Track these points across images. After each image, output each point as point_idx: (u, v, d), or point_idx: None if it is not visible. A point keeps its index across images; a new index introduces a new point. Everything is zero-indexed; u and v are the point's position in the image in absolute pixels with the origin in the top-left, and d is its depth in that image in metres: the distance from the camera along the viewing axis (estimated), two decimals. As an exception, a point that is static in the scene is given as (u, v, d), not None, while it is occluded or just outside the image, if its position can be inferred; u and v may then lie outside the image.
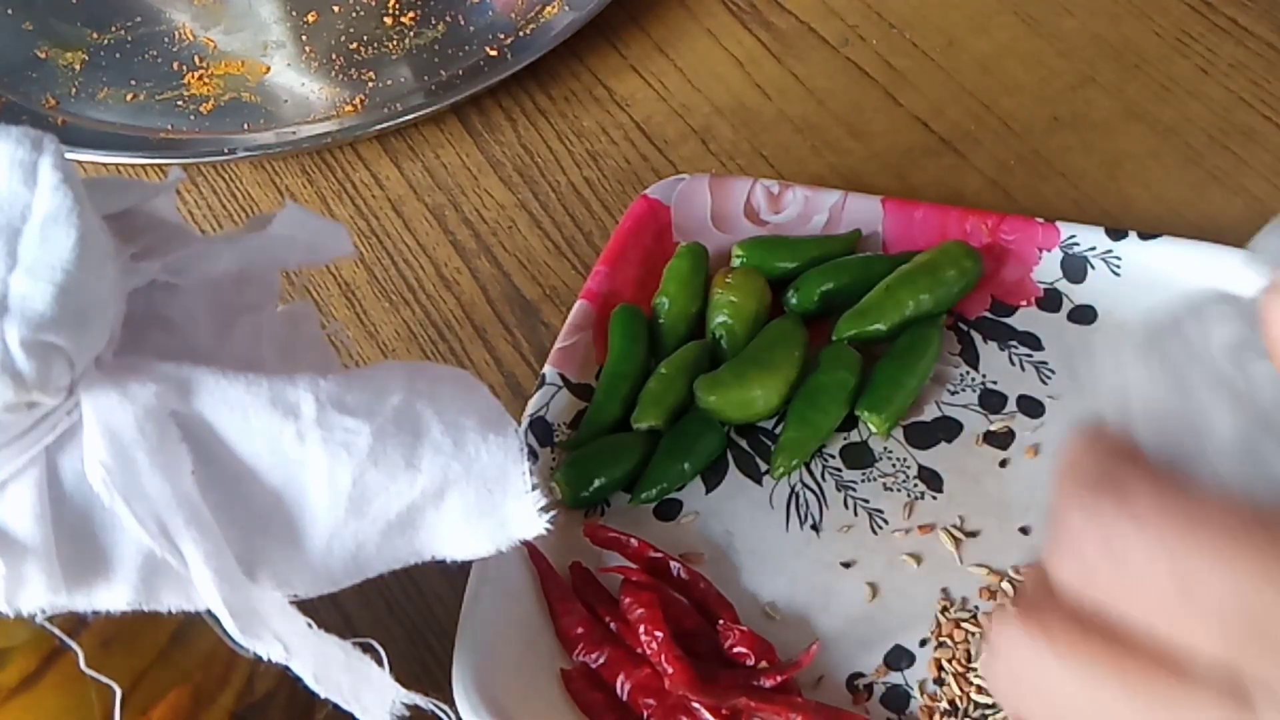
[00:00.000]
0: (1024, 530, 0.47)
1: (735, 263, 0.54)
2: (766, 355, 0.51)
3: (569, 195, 0.61)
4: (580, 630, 0.45)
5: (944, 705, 0.44)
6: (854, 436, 0.50)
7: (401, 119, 0.62)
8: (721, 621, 0.45)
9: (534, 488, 0.33)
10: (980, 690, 0.44)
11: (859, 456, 0.50)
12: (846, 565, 0.47)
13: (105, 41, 0.69)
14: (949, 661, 0.44)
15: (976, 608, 0.45)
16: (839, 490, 0.49)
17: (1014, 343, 0.52)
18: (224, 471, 0.32)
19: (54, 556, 0.31)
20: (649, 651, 0.44)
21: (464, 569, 0.44)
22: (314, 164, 0.63)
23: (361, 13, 0.68)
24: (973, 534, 0.47)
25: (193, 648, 0.37)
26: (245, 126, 0.64)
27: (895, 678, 0.45)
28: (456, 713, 0.41)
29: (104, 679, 0.33)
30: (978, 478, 0.49)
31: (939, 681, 0.44)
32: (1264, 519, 0.24)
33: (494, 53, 0.65)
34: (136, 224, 0.34)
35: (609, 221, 0.59)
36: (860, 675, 0.45)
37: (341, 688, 0.34)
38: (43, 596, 0.31)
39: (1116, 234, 0.52)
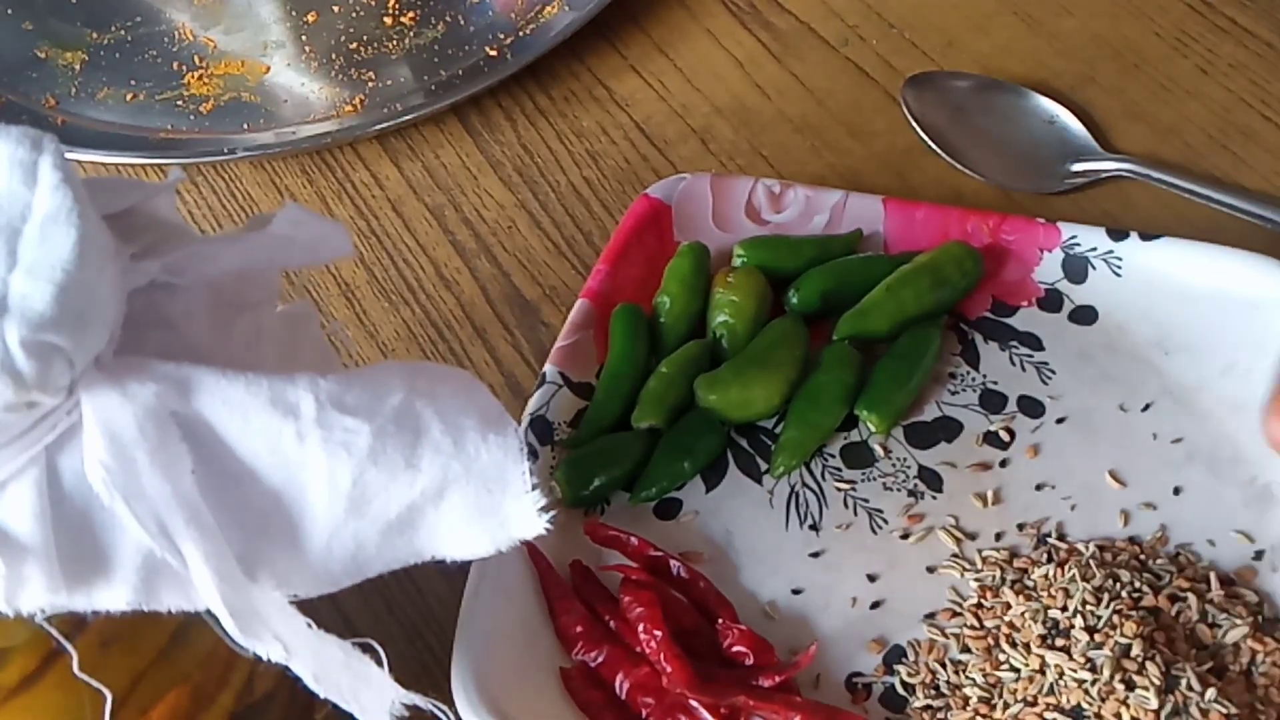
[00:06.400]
0: (1023, 529, 0.47)
1: (736, 262, 0.54)
2: (767, 355, 0.51)
3: (569, 195, 0.61)
4: (579, 629, 0.45)
5: (943, 705, 0.44)
6: (854, 436, 0.50)
7: (401, 119, 0.62)
8: (721, 621, 0.45)
9: (534, 487, 0.33)
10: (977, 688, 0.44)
11: (859, 456, 0.50)
12: (846, 565, 0.47)
13: (105, 41, 0.69)
14: (948, 661, 0.44)
15: (977, 607, 0.45)
16: (839, 490, 0.49)
17: (1015, 343, 0.52)
18: (224, 471, 0.32)
19: (54, 556, 0.31)
20: (648, 650, 0.44)
21: (464, 569, 0.44)
22: (314, 164, 0.63)
23: (361, 13, 0.68)
24: (972, 534, 0.47)
25: (193, 648, 0.37)
26: (245, 126, 0.64)
27: (894, 677, 0.45)
28: (455, 712, 0.41)
29: (96, 684, 0.33)
30: (978, 478, 0.49)
31: (938, 682, 0.44)
32: None
33: (494, 53, 0.65)
34: (136, 224, 0.34)
35: (609, 221, 0.59)
36: (859, 675, 0.45)
37: (341, 688, 0.34)
38: (43, 596, 0.31)
39: (1117, 235, 0.52)
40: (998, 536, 0.47)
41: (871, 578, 0.47)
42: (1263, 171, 0.58)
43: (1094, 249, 0.52)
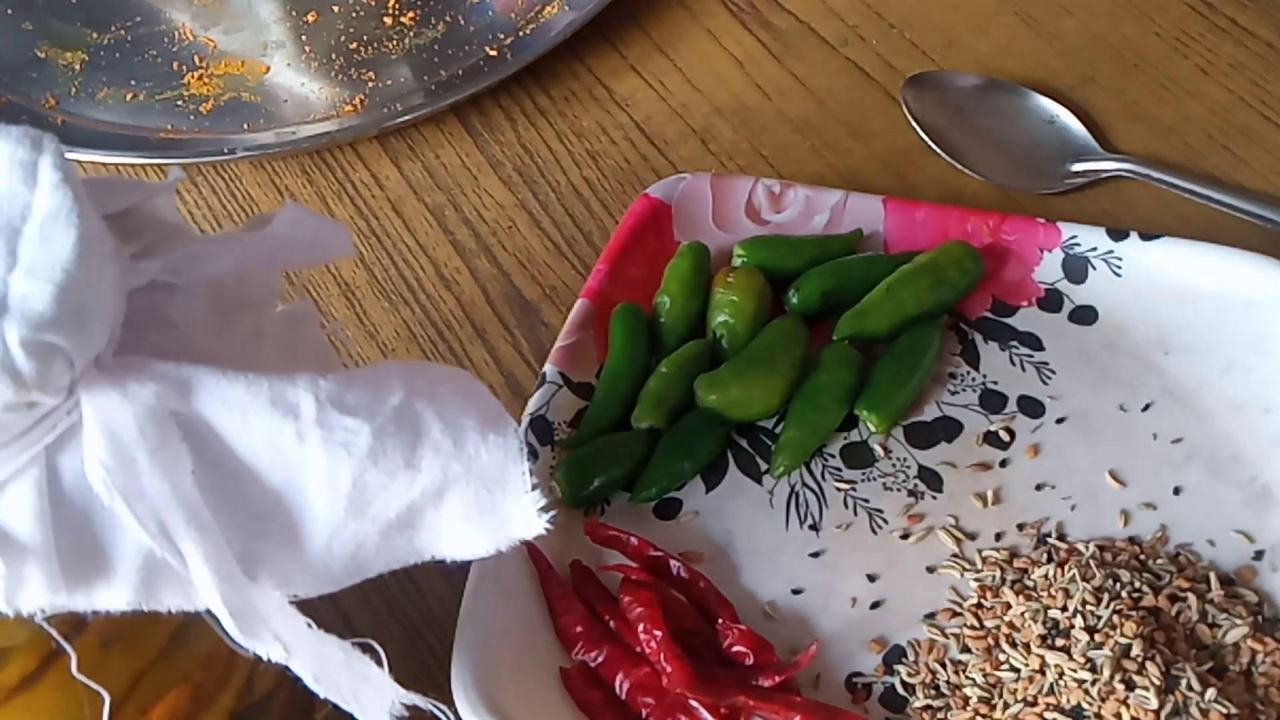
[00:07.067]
0: (1023, 529, 0.47)
1: (736, 262, 0.54)
2: (767, 355, 0.51)
3: (569, 195, 0.61)
4: (579, 629, 0.45)
5: (943, 705, 0.44)
6: (854, 436, 0.50)
7: (401, 119, 0.62)
8: (721, 620, 0.45)
9: (534, 487, 0.33)
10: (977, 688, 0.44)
11: (859, 456, 0.50)
12: (846, 565, 0.47)
13: (105, 41, 0.69)
14: (948, 661, 0.44)
15: (977, 607, 0.45)
16: (839, 490, 0.49)
17: (1015, 343, 0.52)
18: (224, 471, 0.32)
19: (54, 556, 0.31)
20: (648, 650, 0.44)
21: (464, 569, 0.44)
22: (314, 164, 0.63)
23: (361, 13, 0.68)
24: (972, 534, 0.47)
25: (193, 648, 0.37)
26: (245, 126, 0.64)
27: (894, 677, 0.45)
28: (455, 712, 0.41)
29: (95, 685, 0.33)
30: (977, 478, 0.49)
31: (938, 682, 0.44)
32: None
33: (494, 53, 0.65)
34: (136, 224, 0.34)
35: (609, 221, 0.59)
36: (859, 675, 0.45)
37: (341, 688, 0.34)
38: (43, 596, 0.31)
39: (1117, 234, 0.52)
40: (998, 536, 0.47)
41: (871, 578, 0.47)
42: (1263, 171, 0.58)
43: (1094, 249, 0.52)
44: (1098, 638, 0.42)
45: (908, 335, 0.51)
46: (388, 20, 0.68)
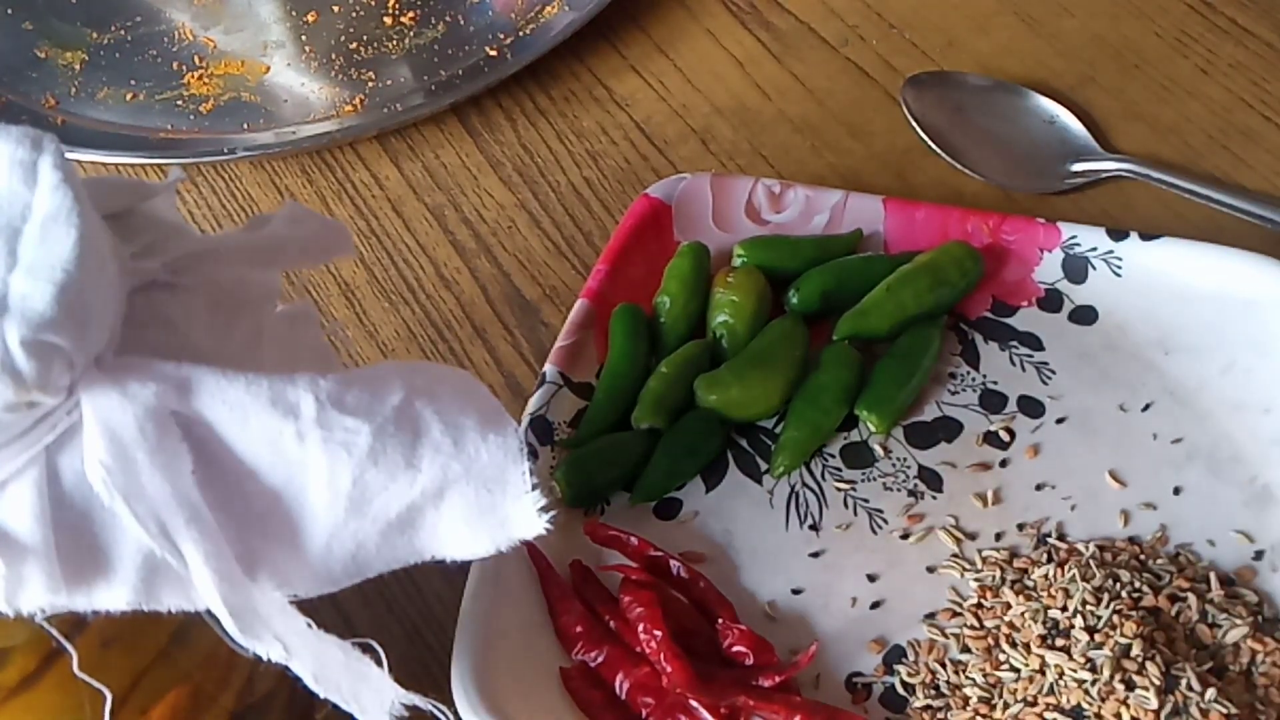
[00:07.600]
0: (1023, 529, 0.47)
1: (736, 262, 0.54)
2: (767, 355, 0.51)
3: (569, 195, 0.61)
4: (579, 629, 0.45)
5: (943, 705, 0.44)
6: (854, 436, 0.50)
7: (401, 119, 0.62)
8: (721, 620, 0.45)
9: (534, 487, 0.33)
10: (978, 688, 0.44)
11: (859, 456, 0.50)
12: (846, 565, 0.47)
13: (105, 41, 0.69)
14: (948, 661, 0.44)
15: (977, 607, 0.45)
16: (839, 490, 0.49)
17: (1015, 343, 0.52)
18: (224, 471, 0.32)
19: (54, 556, 0.31)
20: (648, 650, 0.44)
21: (464, 569, 0.44)
22: (314, 164, 0.63)
23: (361, 13, 0.68)
24: (972, 534, 0.47)
25: (193, 648, 0.37)
26: (245, 126, 0.64)
27: (894, 677, 0.45)
28: (455, 712, 0.41)
29: (96, 684, 0.33)
30: (977, 478, 0.49)
31: (938, 682, 0.44)
32: None
33: (494, 53, 0.65)
34: (136, 224, 0.34)
35: (609, 221, 0.59)
36: (859, 675, 0.45)
37: (341, 688, 0.34)
38: (43, 596, 0.31)
39: (1117, 235, 0.52)
40: (998, 536, 0.47)
41: (871, 578, 0.47)
42: (1263, 171, 0.58)
43: (1094, 249, 0.52)
44: (1098, 638, 0.42)
45: (908, 335, 0.51)
46: (388, 20, 0.68)
